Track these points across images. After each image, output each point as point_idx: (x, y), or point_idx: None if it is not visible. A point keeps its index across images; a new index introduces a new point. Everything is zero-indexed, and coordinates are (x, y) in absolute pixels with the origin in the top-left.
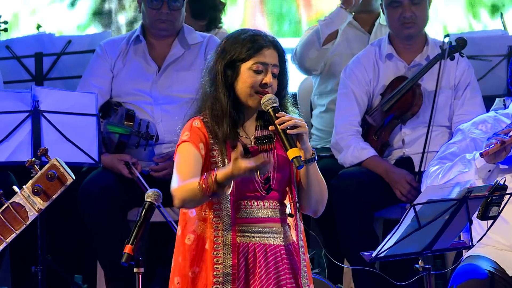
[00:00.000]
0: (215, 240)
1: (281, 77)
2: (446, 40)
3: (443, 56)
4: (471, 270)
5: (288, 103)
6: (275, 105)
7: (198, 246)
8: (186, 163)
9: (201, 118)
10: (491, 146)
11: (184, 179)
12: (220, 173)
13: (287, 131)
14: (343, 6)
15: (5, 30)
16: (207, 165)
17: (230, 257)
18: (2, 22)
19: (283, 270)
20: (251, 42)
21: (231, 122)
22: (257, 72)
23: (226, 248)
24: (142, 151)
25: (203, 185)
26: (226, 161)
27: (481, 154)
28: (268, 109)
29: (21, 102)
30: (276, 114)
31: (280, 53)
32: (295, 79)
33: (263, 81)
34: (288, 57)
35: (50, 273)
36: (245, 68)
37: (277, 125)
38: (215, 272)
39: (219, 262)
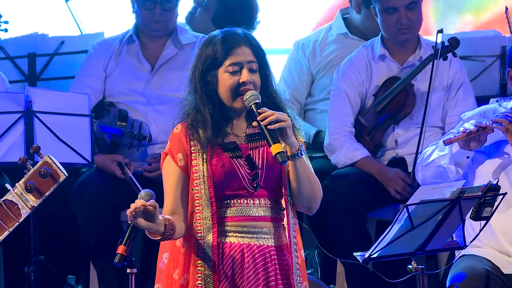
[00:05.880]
0: (197, 242)
1: (263, 70)
2: (439, 35)
3: (435, 56)
4: (468, 268)
5: (280, 101)
6: (257, 101)
7: (184, 248)
8: (169, 186)
9: (187, 121)
10: (456, 135)
11: (165, 212)
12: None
13: (269, 126)
14: None
15: (6, 30)
16: (190, 172)
17: (211, 258)
18: (2, 22)
19: (272, 270)
20: (222, 44)
21: (213, 128)
22: (233, 73)
23: (207, 250)
24: (135, 152)
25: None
26: (207, 165)
27: (444, 142)
28: (251, 105)
29: (14, 103)
30: (258, 110)
31: (255, 47)
32: None
33: (240, 80)
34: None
35: (43, 273)
36: (222, 72)
37: (259, 121)
38: (197, 275)
39: (200, 264)
